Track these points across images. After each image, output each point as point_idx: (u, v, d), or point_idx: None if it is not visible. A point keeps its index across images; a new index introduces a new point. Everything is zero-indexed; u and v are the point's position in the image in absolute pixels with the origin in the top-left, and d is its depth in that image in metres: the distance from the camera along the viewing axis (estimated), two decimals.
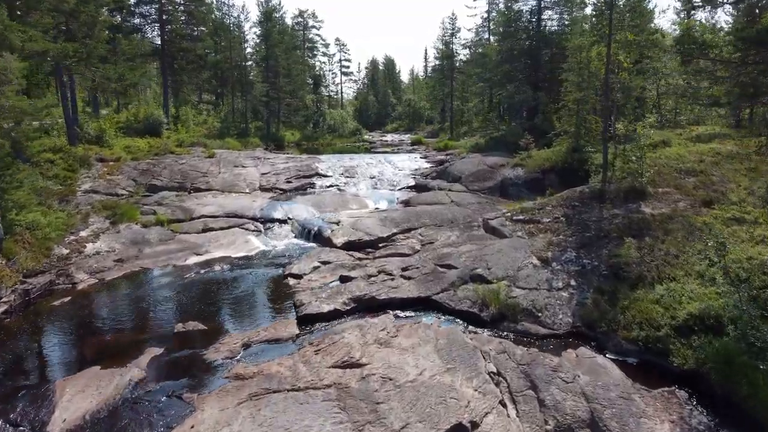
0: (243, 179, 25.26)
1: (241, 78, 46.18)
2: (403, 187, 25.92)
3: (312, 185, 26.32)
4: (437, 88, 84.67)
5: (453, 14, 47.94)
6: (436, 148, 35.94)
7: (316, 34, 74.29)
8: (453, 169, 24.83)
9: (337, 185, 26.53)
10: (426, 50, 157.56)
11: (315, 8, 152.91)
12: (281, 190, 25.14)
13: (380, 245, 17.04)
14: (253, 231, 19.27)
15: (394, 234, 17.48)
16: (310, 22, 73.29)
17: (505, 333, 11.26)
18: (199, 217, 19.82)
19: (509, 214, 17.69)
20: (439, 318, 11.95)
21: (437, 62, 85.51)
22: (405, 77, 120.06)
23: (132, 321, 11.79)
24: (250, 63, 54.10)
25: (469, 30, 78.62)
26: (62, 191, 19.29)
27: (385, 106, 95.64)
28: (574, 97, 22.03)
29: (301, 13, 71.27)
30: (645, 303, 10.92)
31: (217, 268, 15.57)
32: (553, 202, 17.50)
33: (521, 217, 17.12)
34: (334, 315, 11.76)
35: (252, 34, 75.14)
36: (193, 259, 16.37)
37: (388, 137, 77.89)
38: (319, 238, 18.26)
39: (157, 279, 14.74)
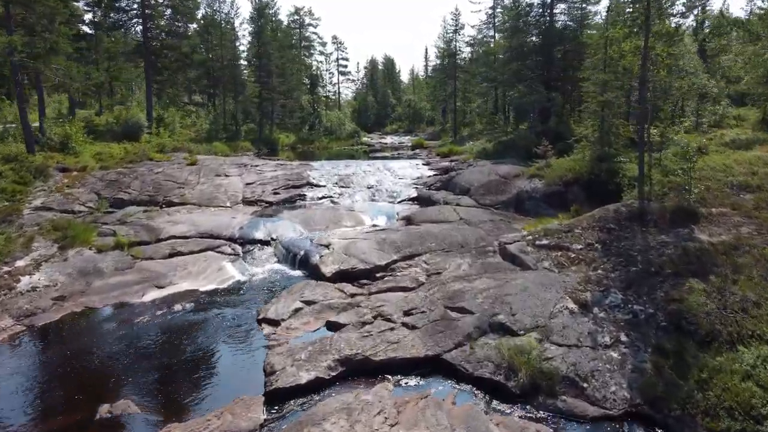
0: (224, 191, 22.46)
1: (232, 78, 43.40)
2: (404, 200, 23.13)
3: (302, 197, 23.53)
4: (438, 88, 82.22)
5: (456, 10, 45.11)
6: (439, 153, 33.16)
7: (313, 32, 71.46)
8: (460, 180, 22.03)
9: (331, 197, 23.76)
10: (426, 49, 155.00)
11: (312, 6, 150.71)
12: (267, 203, 22.34)
13: (377, 275, 14.27)
14: (230, 255, 16.49)
15: (395, 261, 14.70)
16: (307, 20, 70.50)
17: (542, 412, 8.48)
18: (167, 239, 17.03)
19: (530, 236, 14.91)
20: (454, 388, 9.16)
21: (438, 62, 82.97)
22: (405, 77, 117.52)
23: (42, 399, 8.92)
24: (244, 62, 51.40)
25: (473, 27, 75.81)
26: (6, 209, 16.52)
27: (384, 106, 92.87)
28: (601, 99, 19.24)
29: (297, 11, 68.41)
30: (731, 377, 8.15)
31: (178, 307, 12.78)
32: (582, 224, 14.72)
33: (545, 241, 14.33)
34: (316, 386, 8.98)
35: (244, 31, 72.46)
36: (151, 294, 13.59)
37: (388, 139, 75.07)
38: (306, 264, 15.49)
39: (100, 325, 11.97)
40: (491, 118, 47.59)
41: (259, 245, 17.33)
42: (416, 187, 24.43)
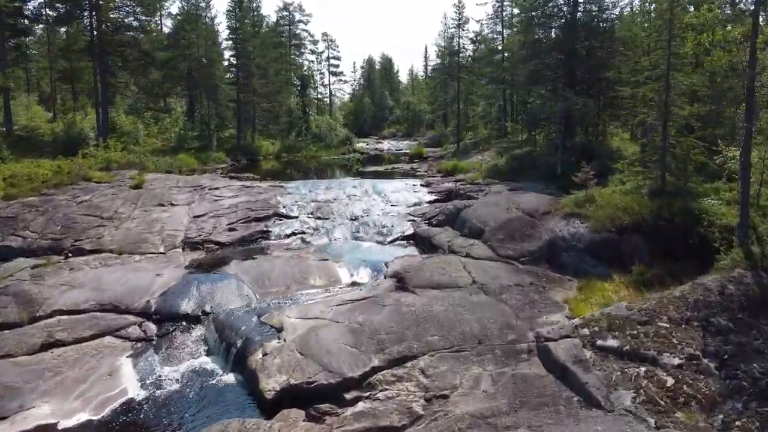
0: (160, 229, 17.14)
1: (207, 79, 38.06)
2: (397, 238, 17.83)
3: (265, 235, 18.22)
4: (438, 89, 76.97)
5: (459, 2, 39.74)
6: (441, 170, 27.82)
7: (304, 30, 66.16)
8: (471, 216, 16.66)
9: (303, 233, 18.46)
10: (426, 48, 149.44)
11: (302, 1, 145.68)
12: (217, 245, 17.03)
13: (348, 396, 8.97)
14: (135, 344, 11.20)
15: (376, 370, 9.39)
16: (297, 16, 65.20)
17: None
18: (48, 316, 11.74)
19: (584, 327, 9.61)
20: None
21: (439, 61, 77.71)
22: (404, 77, 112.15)
23: None
24: (225, 62, 46.14)
25: (478, 21, 70.57)
26: None
27: (382, 108, 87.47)
28: (687, 111, 13.82)
29: (286, 6, 63.07)
30: None
31: None
32: (669, 311, 9.43)
33: (613, 341, 9.05)
34: None
35: (223, 26, 67.07)
36: None
37: (385, 144, 69.63)
38: (243, 365, 10.20)
39: None
40: (500, 126, 42.38)
41: (184, 323, 12.02)
42: (413, 220, 19.11)
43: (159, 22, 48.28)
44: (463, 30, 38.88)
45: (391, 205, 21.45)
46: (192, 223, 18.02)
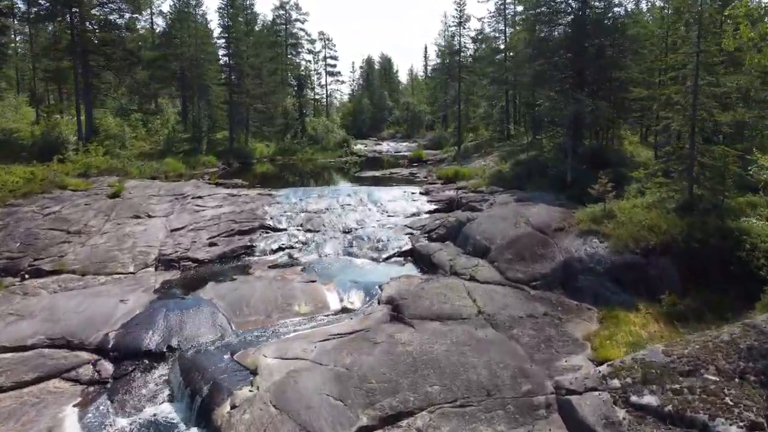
0: (131, 245, 15.53)
1: (198, 79, 36.42)
2: (394, 255, 16.23)
3: (249, 250, 16.63)
4: (438, 89, 75.41)
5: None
6: (442, 176, 26.18)
7: (300, 29, 64.56)
8: (475, 231, 15.04)
9: (291, 248, 16.88)
10: (426, 47, 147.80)
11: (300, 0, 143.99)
12: (194, 262, 15.44)
13: None
14: (87, 388, 9.62)
15: (363, 430, 7.80)
16: (294, 15, 63.62)
17: None
18: None
19: (614, 377, 8.03)
20: None
21: (438, 61, 76.16)
22: (403, 77, 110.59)
23: None
24: (220, 61, 44.51)
25: (480, 20, 68.92)
26: None
27: (381, 109, 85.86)
28: (730, 117, 12.22)
29: (282, 5, 61.50)
30: None
31: None
32: (717, 359, 7.86)
33: (649, 398, 7.47)
34: None
35: (215, 23, 65.49)
36: None
37: (384, 146, 67.96)
38: (208, 419, 8.60)
39: None
40: (502, 128, 40.83)
41: (146, 361, 10.43)
42: (411, 234, 17.51)
43: (150, 20, 46.79)
44: (464, 28, 37.36)
45: (388, 216, 19.88)
46: (168, 238, 16.42)
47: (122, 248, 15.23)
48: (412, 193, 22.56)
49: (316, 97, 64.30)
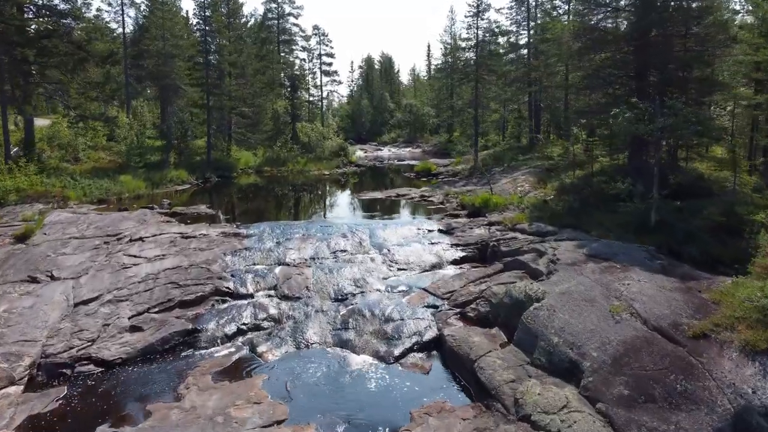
0: None
1: (163, 79, 30.76)
2: (413, 348, 10.51)
3: (192, 337, 10.90)
4: (443, 91, 69.82)
5: None
6: (465, 203, 20.42)
7: (294, 24, 59.08)
8: (547, 325, 9.27)
9: (255, 330, 11.24)
10: (429, 46, 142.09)
11: None
12: (100, 364, 9.71)
13: None
14: None
15: None
16: (287, 9, 58.20)
17: None
18: None
19: None
20: None
21: (443, 59, 70.60)
22: (405, 78, 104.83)
23: None
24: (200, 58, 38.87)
25: (498, 11, 63.00)
26: None
27: (381, 111, 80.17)
28: None
29: None
30: None
31: None
32: None
33: None
34: None
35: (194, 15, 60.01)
36: None
37: (385, 151, 62.33)
38: None
39: None
40: (524, 135, 35.30)
41: None
42: (434, 307, 11.84)
43: (121, 10, 41.03)
44: (482, 19, 31.59)
45: (398, 269, 14.23)
46: (66, 320, 10.72)
47: None
48: (429, 231, 16.90)
49: (311, 99, 58.56)
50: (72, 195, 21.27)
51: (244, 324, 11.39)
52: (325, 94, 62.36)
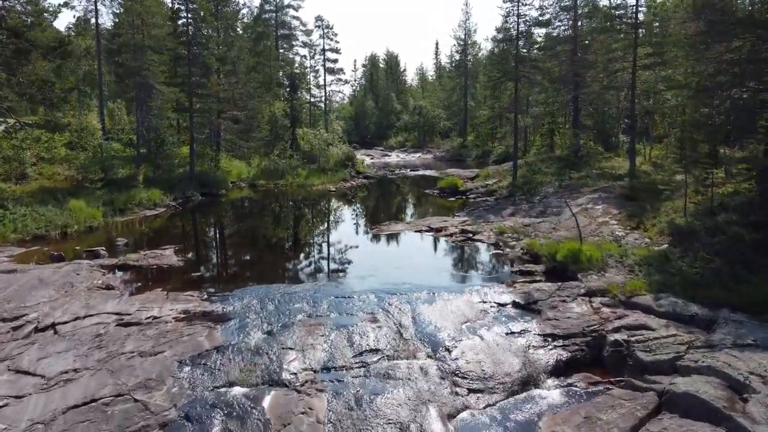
0: None
1: (132, 77, 25.11)
2: None
3: None
4: (457, 91, 64.29)
5: None
6: (538, 253, 14.51)
7: (294, 17, 53.41)
8: None
9: None
10: (437, 43, 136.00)
11: None
12: None
13: None
14: None
15: None
16: (286, 0, 52.49)
17: None
18: None
19: None
20: None
21: (457, 57, 65.06)
22: (411, 77, 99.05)
23: None
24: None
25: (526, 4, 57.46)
26: None
27: (387, 113, 74.43)
28: None
29: None
30: None
31: None
32: None
33: None
34: None
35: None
36: None
37: (393, 157, 56.70)
38: None
39: None
40: (567, 142, 29.73)
41: None
42: None
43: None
44: (525, 5, 25.87)
45: (468, 390, 8.57)
46: None
47: None
48: (499, 306, 11.23)
49: (312, 100, 52.80)
50: (3, 230, 15.61)
51: None
52: (329, 95, 56.49)
